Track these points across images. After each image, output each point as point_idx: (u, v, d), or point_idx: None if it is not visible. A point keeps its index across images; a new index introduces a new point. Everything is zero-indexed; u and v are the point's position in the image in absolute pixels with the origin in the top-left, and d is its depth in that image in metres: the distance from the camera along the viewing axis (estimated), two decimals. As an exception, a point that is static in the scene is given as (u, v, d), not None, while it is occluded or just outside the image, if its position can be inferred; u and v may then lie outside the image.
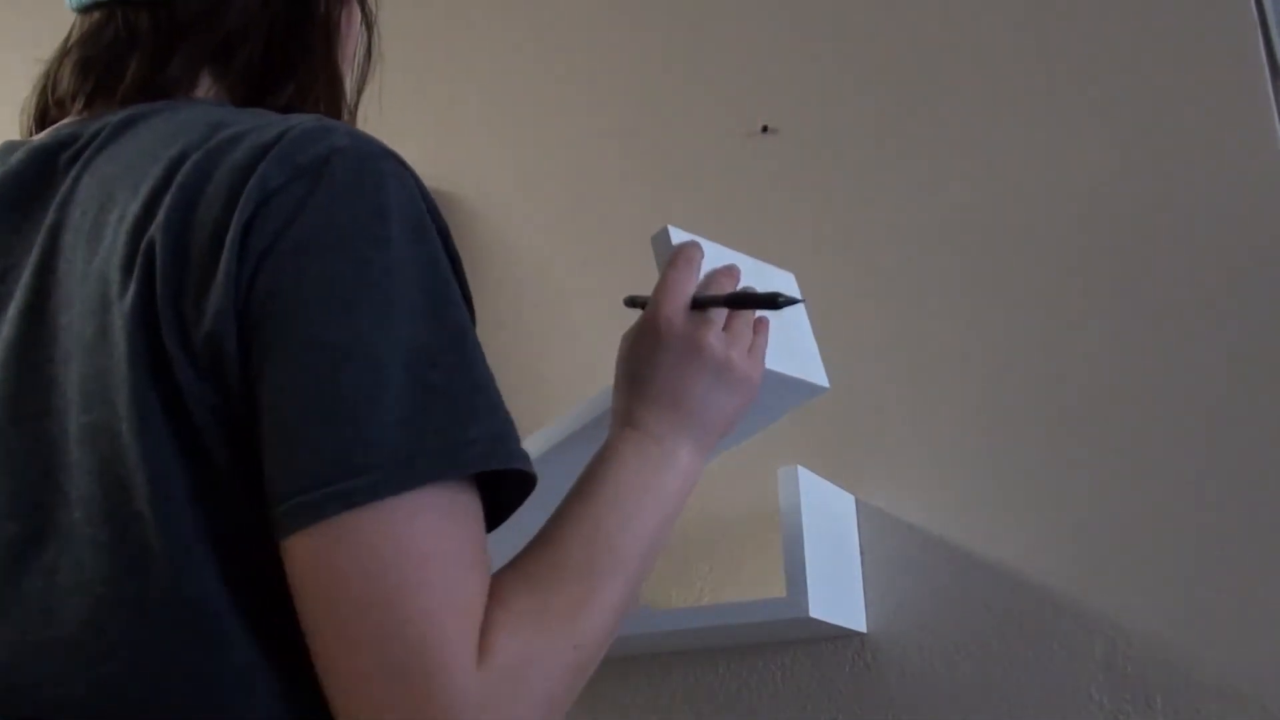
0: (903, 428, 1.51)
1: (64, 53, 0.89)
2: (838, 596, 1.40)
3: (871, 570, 1.48)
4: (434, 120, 1.93)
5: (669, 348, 0.91)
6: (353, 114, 0.97)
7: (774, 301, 0.97)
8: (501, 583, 0.72)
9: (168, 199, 0.73)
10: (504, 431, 0.72)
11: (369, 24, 0.97)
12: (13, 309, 0.78)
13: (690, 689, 1.54)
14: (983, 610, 1.41)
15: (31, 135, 0.91)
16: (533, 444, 1.08)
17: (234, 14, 0.87)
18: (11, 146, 0.86)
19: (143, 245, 0.72)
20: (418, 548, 0.67)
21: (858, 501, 1.51)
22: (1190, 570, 1.33)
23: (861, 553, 1.49)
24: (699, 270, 0.97)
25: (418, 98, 1.93)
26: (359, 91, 0.97)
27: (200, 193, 0.73)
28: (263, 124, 0.77)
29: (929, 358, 1.51)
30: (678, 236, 1.02)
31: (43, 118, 0.91)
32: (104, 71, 0.87)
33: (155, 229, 0.72)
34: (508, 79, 1.92)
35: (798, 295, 1.07)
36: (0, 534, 0.75)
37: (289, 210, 0.71)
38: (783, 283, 1.05)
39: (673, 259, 0.96)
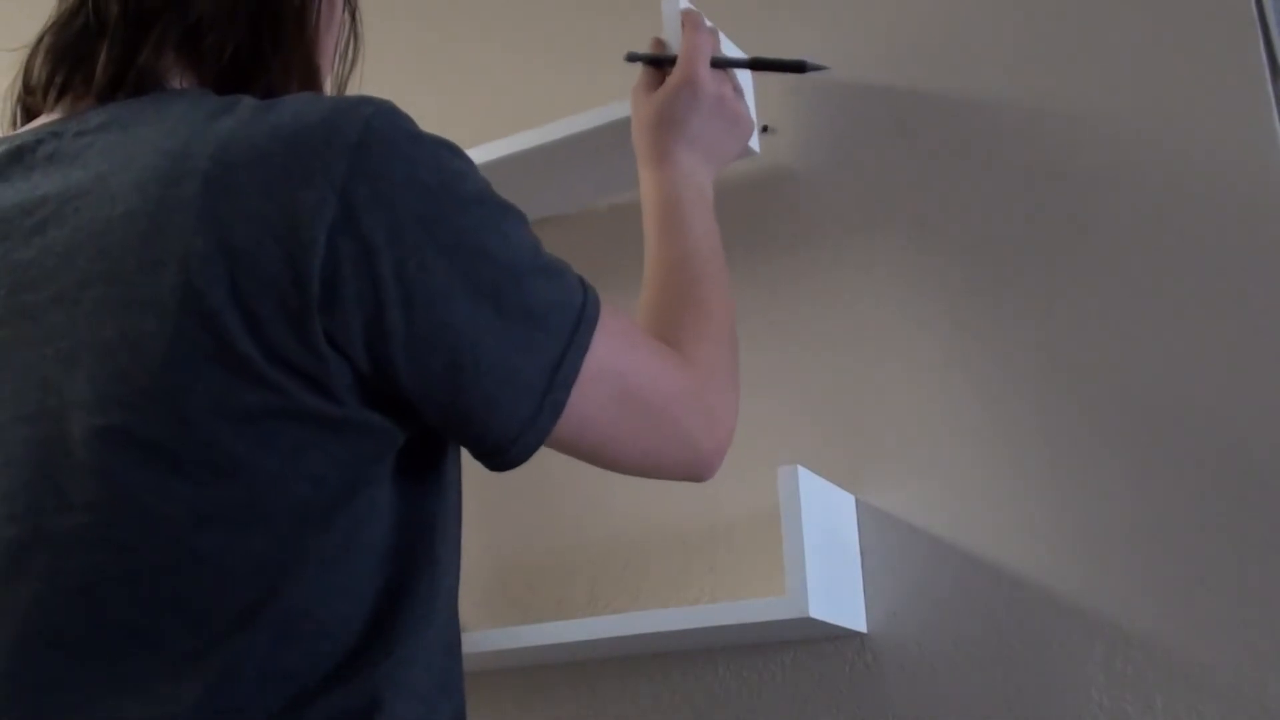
0: (903, 428, 1.51)
1: (39, 39, 0.88)
2: (838, 596, 1.40)
3: (871, 570, 1.48)
4: (429, 115, 1.93)
5: (703, 102, 1.17)
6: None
7: (800, 67, 1.30)
8: (659, 327, 0.98)
9: (192, 200, 0.71)
10: (590, 295, 0.90)
11: (352, 11, 0.96)
12: (0, 309, 0.76)
13: (690, 689, 1.54)
14: (983, 610, 1.41)
15: (16, 124, 0.90)
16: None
17: (202, 1, 0.85)
18: None
19: (168, 248, 0.71)
20: (617, 354, 0.86)
21: (858, 501, 1.51)
22: (1190, 570, 1.33)
23: (861, 553, 1.49)
24: (711, 32, 1.25)
25: (411, 84, 1.93)
26: (344, 81, 0.97)
27: (228, 190, 0.72)
28: (261, 113, 0.76)
29: (929, 358, 1.51)
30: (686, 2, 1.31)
31: (25, 107, 0.90)
32: (75, 61, 0.86)
33: (184, 232, 0.71)
34: (506, 77, 1.92)
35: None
36: None
37: (383, 189, 0.74)
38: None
39: (695, 23, 1.22)
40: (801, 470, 1.38)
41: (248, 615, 0.72)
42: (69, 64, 0.86)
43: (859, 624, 1.45)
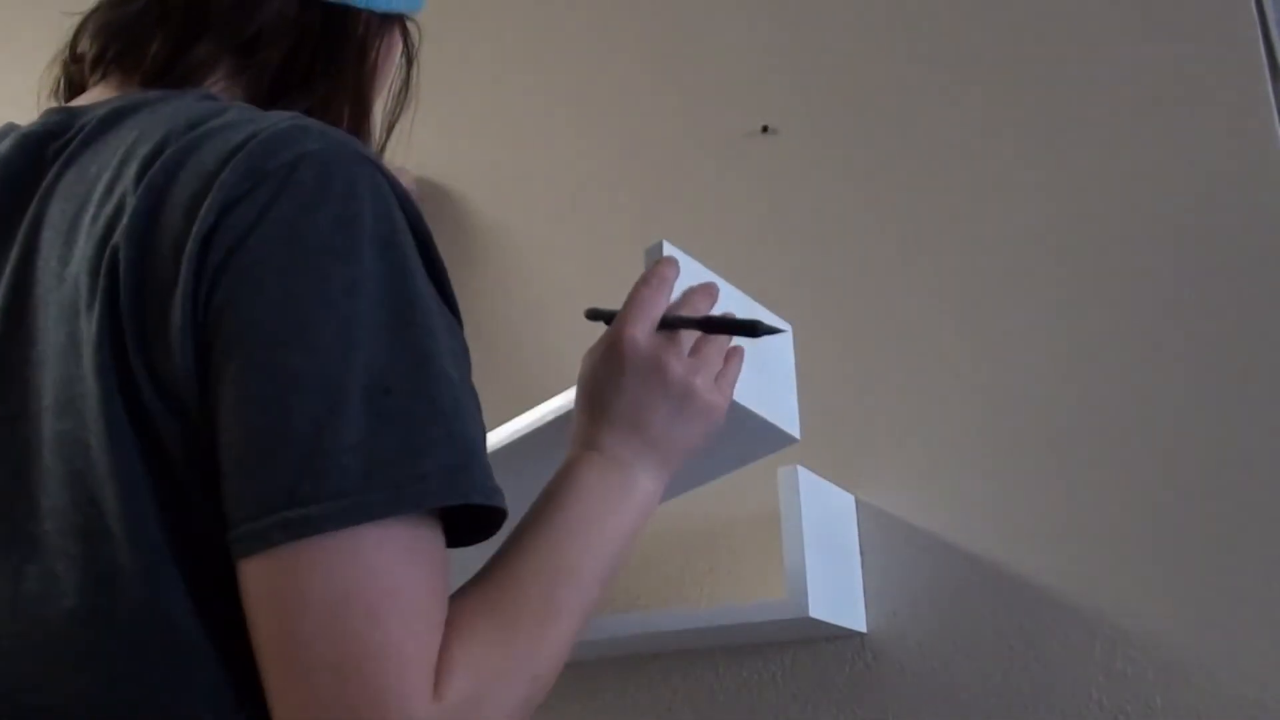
0: (903, 428, 1.51)
1: (89, 15, 0.87)
2: (838, 596, 1.40)
3: (871, 570, 1.48)
4: (429, 114, 1.93)
5: (632, 369, 0.86)
6: (380, 147, 0.93)
7: (753, 329, 0.91)
8: (461, 610, 0.70)
9: (133, 203, 0.70)
10: (463, 462, 0.68)
11: (410, 58, 0.93)
12: None
13: (690, 689, 1.54)
14: (983, 610, 1.41)
15: (58, 92, 0.89)
16: (496, 436, 1.05)
17: (267, 11, 0.84)
18: (5, 131, 0.84)
19: (108, 251, 0.70)
20: (370, 582, 0.64)
21: (858, 501, 1.51)
22: (1190, 570, 1.33)
23: (861, 553, 1.49)
24: (672, 289, 0.91)
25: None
26: (391, 125, 0.93)
27: (164, 198, 0.70)
28: (237, 122, 0.73)
29: (929, 358, 1.51)
30: (670, 252, 0.96)
31: (68, 80, 0.89)
32: (129, 42, 0.84)
33: (120, 234, 0.69)
34: (506, 75, 1.92)
35: (783, 328, 1.01)
36: None
37: (249, 220, 0.67)
38: (774, 325, 0.98)
39: (645, 276, 0.91)
40: (801, 470, 1.38)
41: (172, 634, 0.69)
42: (121, 43, 0.85)
43: (859, 624, 1.45)
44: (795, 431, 1.02)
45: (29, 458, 0.72)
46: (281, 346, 0.66)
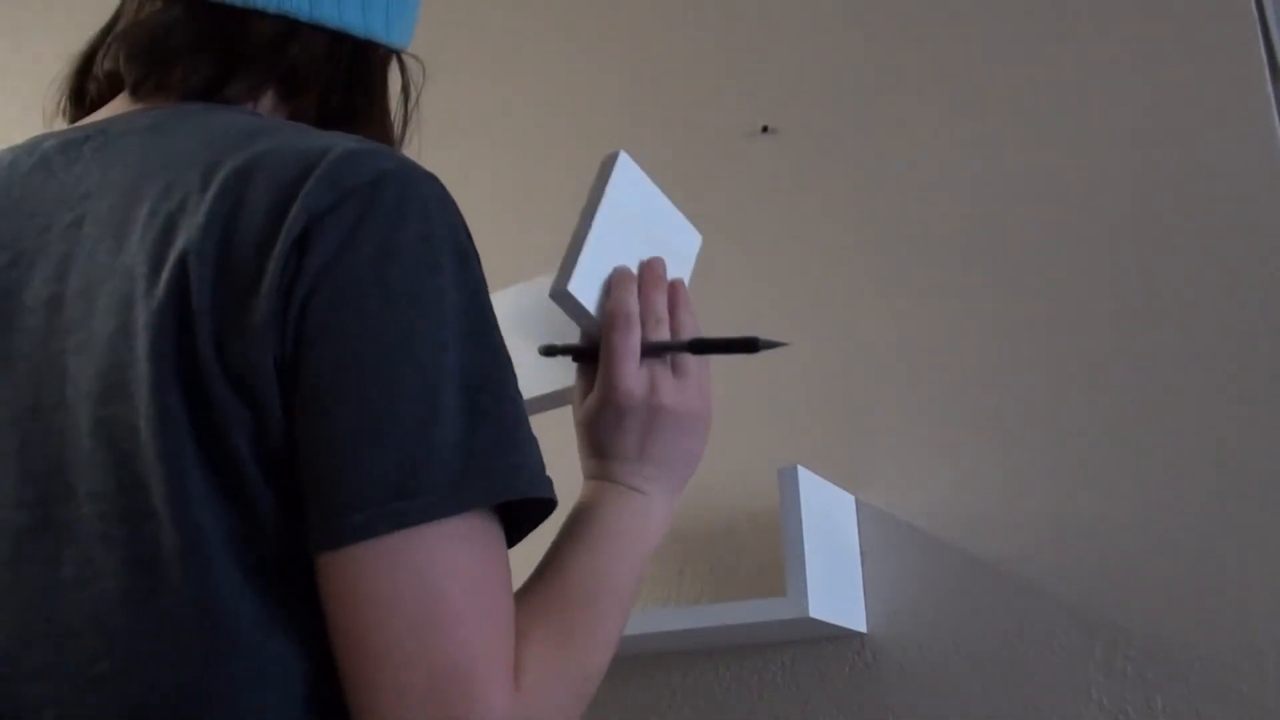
0: (903, 428, 1.51)
1: (116, 34, 0.88)
2: (838, 596, 1.40)
3: (871, 570, 1.48)
4: (432, 115, 1.93)
5: (632, 414, 0.91)
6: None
7: (752, 346, 0.94)
8: (519, 615, 0.74)
9: (206, 204, 0.73)
10: (541, 460, 0.75)
11: (406, 88, 0.97)
12: (32, 297, 0.78)
13: (690, 689, 1.54)
14: (983, 610, 1.41)
15: (63, 111, 0.91)
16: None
17: (299, 49, 0.87)
18: (44, 136, 0.86)
19: (176, 247, 0.72)
20: (465, 571, 0.69)
21: (858, 501, 1.51)
22: (1190, 570, 1.33)
23: (861, 553, 1.49)
24: (637, 323, 0.94)
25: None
26: (399, 143, 0.97)
27: (241, 201, 0.73)
28: (303, 137, 0.77)
29: (929, 358, 1.51)
30: (626, 164, 0.99)
31: (79, 94, 0.90)
32: (166, 64, 0.86)
33: (191, 232, 0.72)
34: (506, 75, 1.92)
35: (694, 253, 1.03)
36: (8, 524, 0.75)
37: (342, 233, 0.72)
38: (689, 240, 1.02)
39: (611, 320, 0.92)
40: (801, 470, 1.38)
41: (212, 622, 0.71)
42: (159, 65, 0.86)
43: (859, 624, 1.45)
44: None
45: (66, 445, 0.74)
46: (384, 348, 0.70)
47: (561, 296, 0.92)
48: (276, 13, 0.85)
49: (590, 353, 0.94)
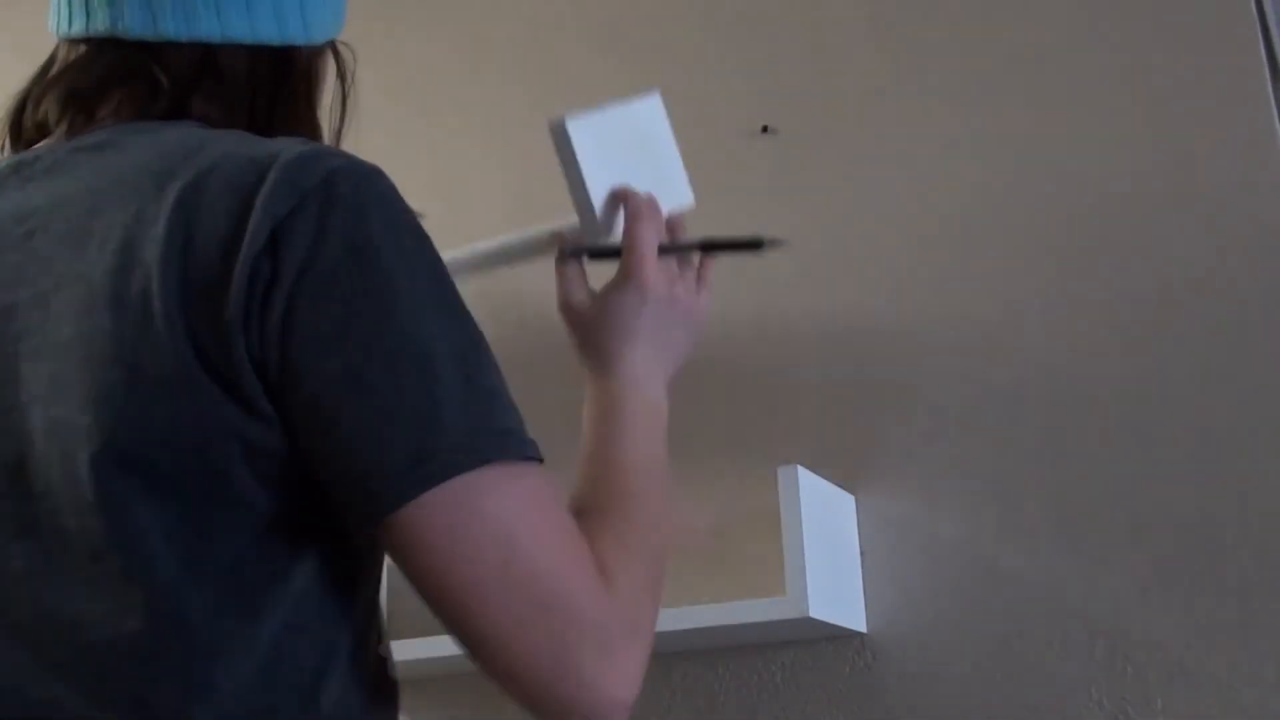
0: (903, 428, 1.51)
1: (47, 81, 0.91)
2: (838, 596, 1.40)
3: (871, 570, 1.48)
4: (433, 114, 1.93)
5: (651, 305, 1.01)
6: None
7: (757, 245, 1.07)
8: (583, 527, 0.82)
9: (164, 213, 0.76)
10: (523, 424, 0.80)
11: (342, 73, 0.99)
12: None
13: (690, 689, 1.54)
14: (983, 610, 1.41)
15: (2, 150, 0.94)
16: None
17: (219, 70, 0.89)
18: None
19: (137, 257, 0.75)
20: (526, 504, 0.76)
21: (858, 501, 1.51)
22: (1190, 570, 1.33)
23: (861, 553, 1.49)
24: (661, 217, 1.05)
25: (409, 90, 1.93)
26: (337, 136, 0.99)
27: (197, 208, 0.76)
28: (249, 145, 0.80)
29: (929, 358, 1.51)
30: (576, 124, 1.08)
31: (17, 133, 0.93)
32: (95, 100, 0.89)
33: (150, 242, 0.75)
34: (505, 75, 1.92)
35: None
36: None
37: (310, 234, 0.75)
38: (650, 109, 1.17)
39: (634, 210, 1.03)
40: (801, 470, 1.38)
41: (167, 606, 0.76)
42: (88, 103, 0.89)
43: (859, 624, 1.45)
44: (690, 198, 1.15)
45: (22, 444, 0.77)
46: (375, 337, 0.75)
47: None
48: (189, 41, 0.87)
49: (602, 253, 1.05)
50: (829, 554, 1.40)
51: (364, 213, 0.77)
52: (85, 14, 0.89)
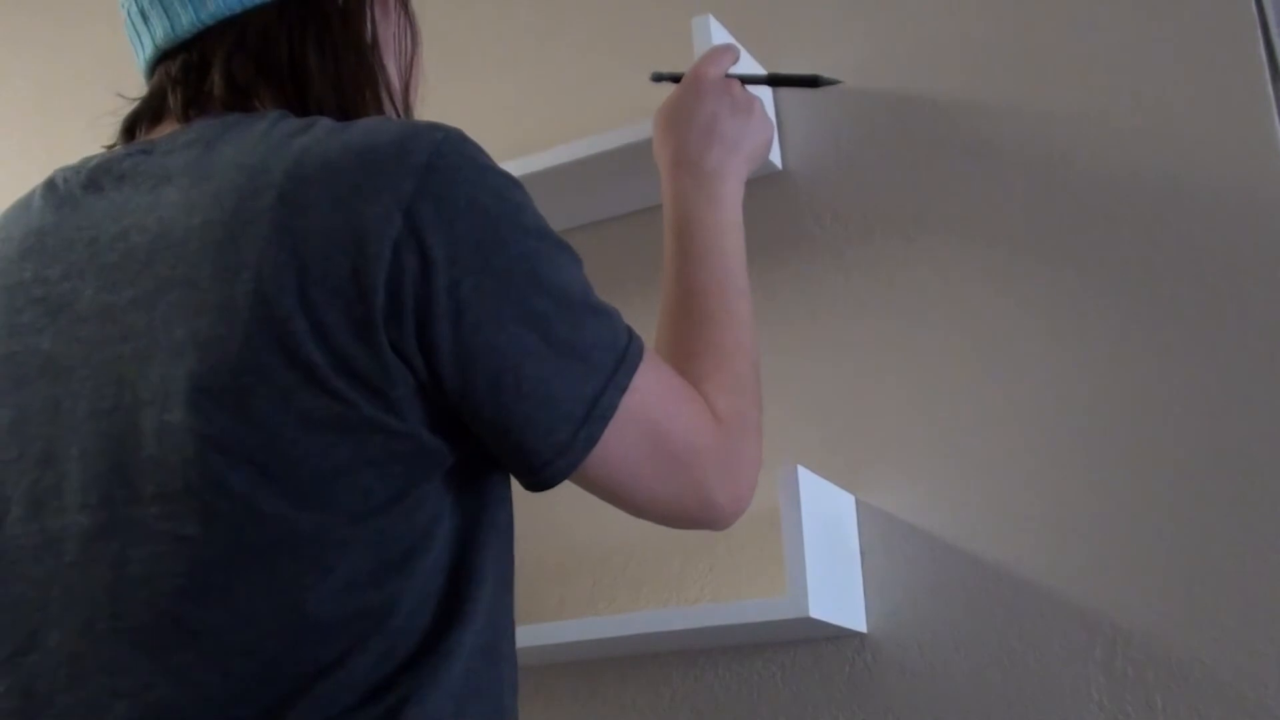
0: (903, 428, 1.51)
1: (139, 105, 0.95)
2: (838, 596, 1.40)
3: (871, 570, 1.48)
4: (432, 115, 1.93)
5: (707, 92, 1.14)
6: (405, 97, 1.00)
7: (814, 81, 1.26)
8: (680, 366, 0.96)
9: (266, 210, 0.77)
10: (620, 316, 0.91)
11: (405, 6, 1.00)
12: (85, 307, 0.82)
13: (690, 689, 1.54)
14: (983, 610, 1.41)
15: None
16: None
17: (253, 33, 0.91)
18: (90, 157, 0.91)
19: (243, 258, 0.76)
20: (654, 393, 0.88)
21: (858, 501, 1.51)
22: (1190, 570, 1.33)
23: (861, 553, 1.49)
24: (737, 56, 1.22)
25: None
26: (409, 74, 0.99)
27: (303, 203, 0.77)
28: (336, 131, 0.81)
29: (929, 357, 1.51)
30: (718, 28, 1.38)
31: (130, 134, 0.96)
32: (161, 112, 0.93)
33: (254, 241, 0.76)
34: (504, 75, 1.92)
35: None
36: (74, 527, 0.78)
37: (446, 210, 0.78)
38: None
39: (717, 46, 1.22)
40: (801, 470, 1.38)
41: (290, 611, 0.76)
42: (153, 116, 0.93)
43: (859, 624, 1.45)
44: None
45: (126, 449, 0.78)
46: (535, 295, 0.81)
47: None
48: (214, 22, 0.89)
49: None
50: (829, 554, 1.40)
51: (481, 177, 0.81)
52: (140, 44, 0.94)
